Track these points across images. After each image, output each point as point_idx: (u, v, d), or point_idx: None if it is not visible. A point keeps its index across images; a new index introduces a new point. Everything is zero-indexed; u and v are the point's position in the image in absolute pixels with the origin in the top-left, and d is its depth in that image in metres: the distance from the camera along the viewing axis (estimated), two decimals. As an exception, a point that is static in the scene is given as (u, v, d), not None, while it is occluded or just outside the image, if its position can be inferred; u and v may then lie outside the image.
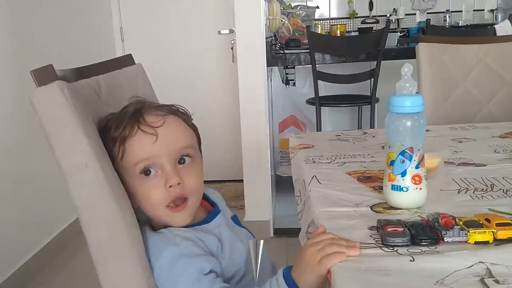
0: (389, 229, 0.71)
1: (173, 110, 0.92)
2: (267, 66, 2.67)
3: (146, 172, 0.87)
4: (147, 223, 0.94)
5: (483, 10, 4.49)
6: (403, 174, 0.81)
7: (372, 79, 2.84)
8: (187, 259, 0.83)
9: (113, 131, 0.88)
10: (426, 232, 0.70)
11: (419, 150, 0.81)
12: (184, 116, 0.94)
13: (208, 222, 0.94)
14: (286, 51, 2.93)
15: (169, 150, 0.87)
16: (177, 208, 0.88)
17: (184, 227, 0.90)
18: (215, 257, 0.87)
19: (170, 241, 0.86)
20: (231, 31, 2.87)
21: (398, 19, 4.51)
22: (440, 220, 0.72)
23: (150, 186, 0.87)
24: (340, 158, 1.17)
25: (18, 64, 2.36)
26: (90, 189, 0.83)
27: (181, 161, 0.89)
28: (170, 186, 0.86)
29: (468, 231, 0.69)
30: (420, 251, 0.67)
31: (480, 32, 3.26)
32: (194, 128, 0.96)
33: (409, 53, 2.15)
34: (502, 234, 0.68)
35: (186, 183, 0.87)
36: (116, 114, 0.92)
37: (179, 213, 0.88)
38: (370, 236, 0.73)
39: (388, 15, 4.54)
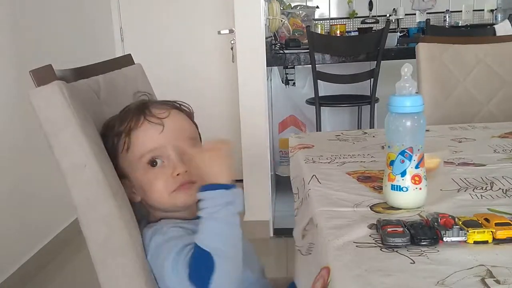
0: (389, 229, 0.71)
1: (177, 105, 0.95)
2: (267, 66, 2.67)
3: (152, 163, 0.88)
4: (145, 219, 0.96)
5: (483, 10, 4.49)
6: (403, 174, 0.81)
7: (372, 79, 2.84)
8: (172, 240, 0.84)
9: (117, 127, 0.89)
10: (425, 232, 0.70)
11: (418, 150, 0.81)
12: (187, 112, 0.96)
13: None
14: (286, 51, 2.93)
15: (175, 140, 0.89)
16: (182, 187, 0.88)
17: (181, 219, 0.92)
18: None
19: (157, 231, 0.87)
20: (231, 31, 2.88)
21: (398, 19, 4.51)
22: (439, 220, 0.72)
23: (157, 175, 0.88)
24: (340, 158, 1.17)
25: (17, 64, 2.36)
26: (89, 189, 0.83)
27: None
28: (178, 174, 0.88)
29: (468, 231, 0.69)
30: (420, 251, 0.67)
31: (480, 32, 3.27)
32: (195, 125, 0.98)
33: (409, 53, 2.15)
34: (501, 234, 0.68)
35: (194, 169, 0.87)
36: (117, 114, 0.94)
37: (183, 192, 0.89)
38: (370, 236, 0.73)
39: (388, 15, 4.54)
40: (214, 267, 0.77)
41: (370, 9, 4.61)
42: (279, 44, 3.10)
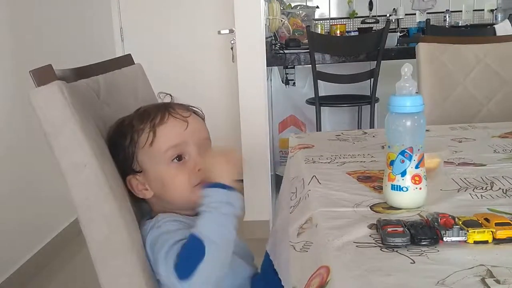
0: (389, 229, 0.71)
1: (192, 109, 0.99)
2: (267, 66, 2.67)
3: (177, 157, 0.92)
4: (148, 217, 0.97)
5: (483, 10, 4.49)
6: (403, 174, 0.81)
7: (372, 79, 2.84)
8: (168, 234, 0.87)
9: (138, 124, 0.92)
10: (425, 232, 0.70)
11: (419, 150, 0.81)
12: (201, 116, 1.01)
13: None
14: (286, 51, 2.93)
15: (195, 139, 0.94)
16: (203, 183, 0.92)
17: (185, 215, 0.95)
18: None
19: (154, 225, 0.90)
20: (231, 31, 2.88)
21: (398, 19, 4.51)
22: (439, 220, 0.72)
23: (181, 170, 0.92)
24: (340, 158, 1.17)
25: (17, 64, 2.36)
26: (90, 188, 0.83)
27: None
28: (199, 170, 0.92)
29: (468, 231, 0.69)
30: (420, 251, 0.67)
31: (480, 32, 3.27)
32: None
33: (409, 53, 2.16)
34: (501, 233, 0.68)
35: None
36: (133, 114, 0.96)
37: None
38: (370, 236, 0.73)
39: (388, 15, 4.54)
40: (204, 255, 0.81)
41: (370, 9, 4.61)
42: (279, 44, 3.10)
